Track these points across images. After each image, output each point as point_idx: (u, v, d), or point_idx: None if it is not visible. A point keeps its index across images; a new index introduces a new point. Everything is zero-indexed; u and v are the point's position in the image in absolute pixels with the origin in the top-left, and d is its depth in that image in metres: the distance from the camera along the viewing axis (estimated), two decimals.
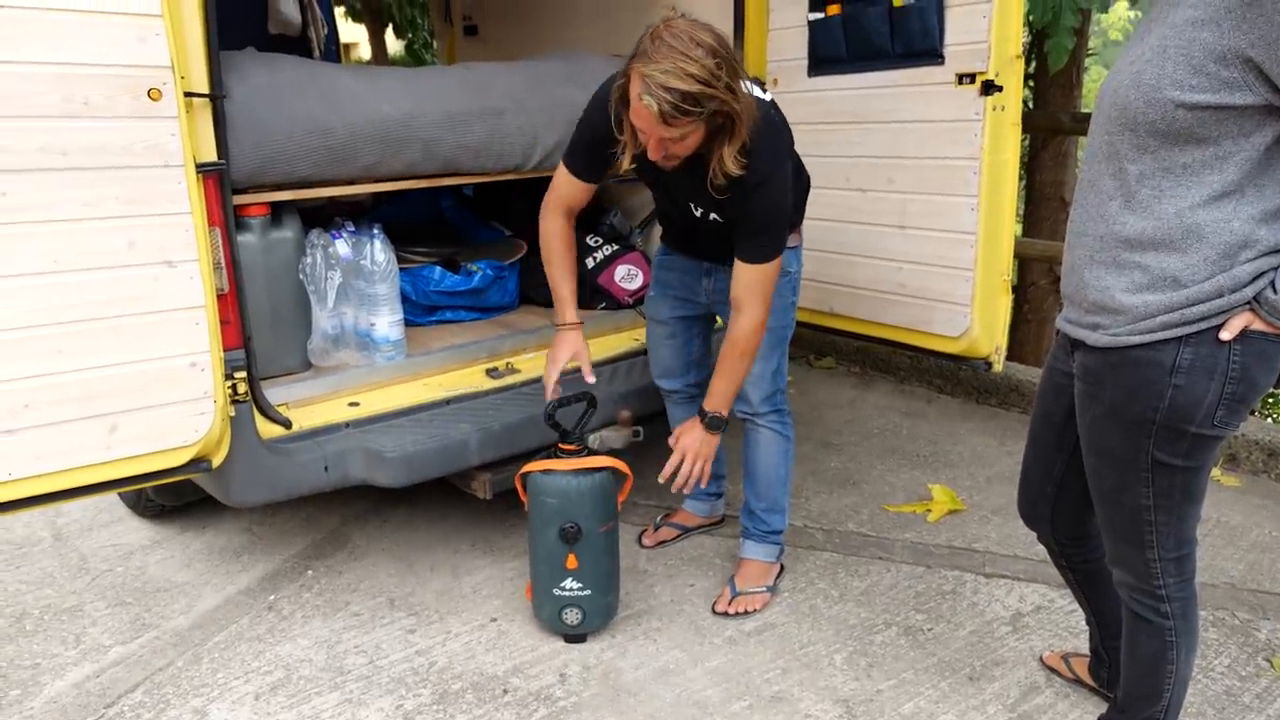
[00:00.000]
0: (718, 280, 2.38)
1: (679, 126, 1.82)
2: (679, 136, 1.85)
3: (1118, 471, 1.58)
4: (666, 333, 2.55)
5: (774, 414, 2.43)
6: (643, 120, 1.84)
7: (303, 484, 2.28)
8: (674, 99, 1.76)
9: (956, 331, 2.69)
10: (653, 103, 1.77)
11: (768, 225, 2.07)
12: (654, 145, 1.90)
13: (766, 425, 2.43)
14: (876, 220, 2.83)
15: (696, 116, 1.80)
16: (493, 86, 2.75)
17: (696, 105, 1.77)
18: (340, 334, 2.59)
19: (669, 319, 2.53)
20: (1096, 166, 1.51)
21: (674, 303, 2.50)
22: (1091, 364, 1.57)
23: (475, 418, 2.50)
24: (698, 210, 2.18)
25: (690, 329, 2.54)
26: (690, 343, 2.56)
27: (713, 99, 1.78)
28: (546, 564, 2.26)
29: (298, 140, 2.34)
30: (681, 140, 1.87)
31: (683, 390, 2.62)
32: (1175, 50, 1.36)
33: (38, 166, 1.76)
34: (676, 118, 1.79)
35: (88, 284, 1.84)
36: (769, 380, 2.38)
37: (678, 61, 1.75)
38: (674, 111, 1.77)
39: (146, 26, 1.82)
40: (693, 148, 1.91)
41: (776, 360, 2.37)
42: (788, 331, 2.40)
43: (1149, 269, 1.45)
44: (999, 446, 3.48)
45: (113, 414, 1.91)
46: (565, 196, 2.26)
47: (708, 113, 1.81)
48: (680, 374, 2.59)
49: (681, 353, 2.57)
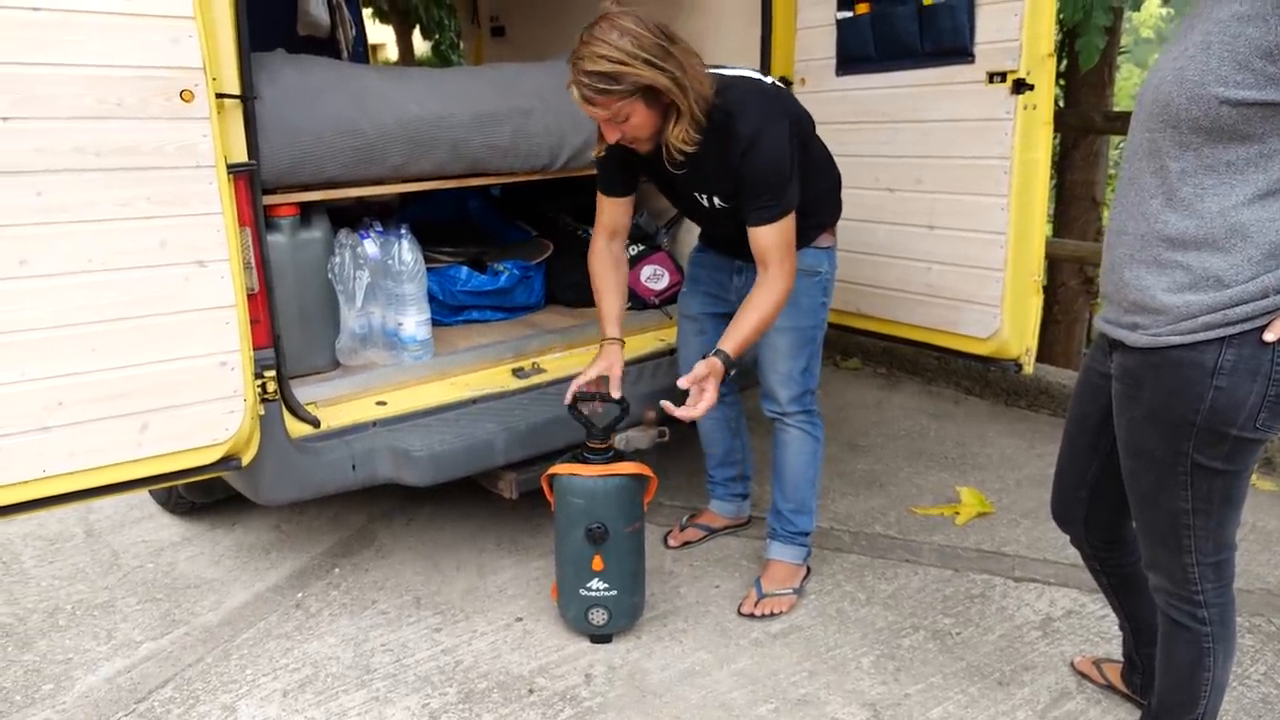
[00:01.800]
0: (748, 279, 2.36)
1: (607, 105, 1.93)
2: (614, 117, 1.96)
3: (1156, 474, 1.55)
4: (696, 329, 2.55)
5: (803, 414, 2.41)
6: (581, 107, 1.98)
7: (331, 482, 2.30)
8: (591, 80, 1.90)
9: (986, 333, 2.65)
10: (575, 90, 1.94)
11: (767, 185, 2.07)
12: (607, 130, 2.03)
13: (795, 425, 2.41)
14: (905, 220, 2.80)
15: (619, 95, 1.91)
16: (520, 87, 2.76)
17: (614, 82, 1.89)
18: (368, 333, 2.60)
19: (699, 315, 2.53)
20: (1137, 164, 1.48)
21: (704, 299, 2.51)
22: (1130, 365, 1.55)
23: (501, 417, 2.50)
24: (704, 199, 2.20)
25: (720, 327, 2.51)
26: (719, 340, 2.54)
27: (628, 74, 1.89)
28: (573, 564, 2.25)
29: (327, 141, 2.35)
30: (624, 120, 1.97)
31: None
32: (1220, 46, 1.33)
33: (72, 167, 1.78)
34: (598, 97, 1.92)
35: (120, 283, 1.86)
36: (798, 380, 2.36)
37: (593, 48, 1.90)
38: (593, 92, 1.91)
39: (179, 29, 1.84)
40: (646, 126, 2.00)
41: (805, 359, 2.36)
42: (818, 332, 2.38)
43: (1191, 268, 1.42)
44: (1028, 449, 3.44)
45: (144, 412, 1.93)
46: (605, 221, 2.35)
47: (630, 88, 1.91)
48: None
49: (709, 348, 2.54)
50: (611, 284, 2.34)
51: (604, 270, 2.35)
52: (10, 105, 1.70)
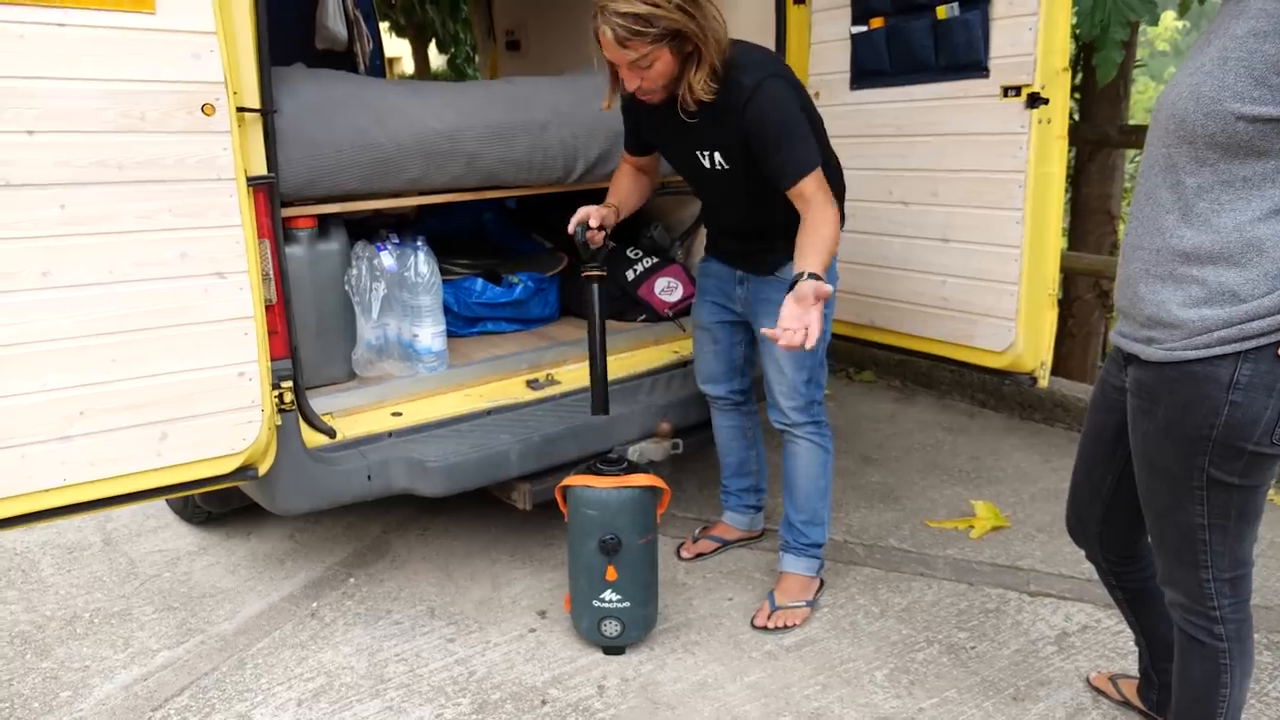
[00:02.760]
0: (749, 289, 2.40)
1: (636, 48, 1.95)
2: (641, 61, 1.98)
3: (1171, 489, 1.55)
4: (709, 338, 2.56)
5: (811, 425, 2.41)
6: (606, 49, 1.99)
7: (346, 492, 2.31)
8: (625, 21, 1.92)
9: (1001, 346, 2.65)
10: (607, 29, 1.94)
11: (774, 137, 2.06)
12: (626, 76, 2.04)
13: (804, 437, 2.42)
14: (920, 234, 2.80)
15: (650, 37, 1.94)
16: (536, 100, 2.78)
17: (647, 24, 1.92)
18: (384, 345, 2.62)
19: (710, 324, 2.55)
20: (1153, 179, 1.48)
21: (713, 308, 2.53)
22: (1146, 379, 1.54)
23: (516, 429, 2.52)
24: (705, 158, 2.21)
25: (732, 335, 2.55)
26: (733, 349, 2.56)
27: (661, 18, 1.92)
28: (586, 576, 2.26)
29: (345, 154, 2.38)
30: (648, 66, 1.99)
31: (726, 396, 2.62)
32: (1236, 62, 1.33)
33: (95, 180, 1.81)
34: (630, 39, 1.94)
35: (141, 294, 1.89)
36: (802, 391, 2.36)
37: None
38: (627, 34, 1.93)
39: (201, 44, 1.87)
40: (665, 75, 2.02)
41: (808, 371, 2.35)
42: (821, 346, 2.34)
43: (1206, 283, 1.42)
44: (1043, 463, 3.42)
45: (163, 422, 1.95)
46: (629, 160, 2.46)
47: (661, 32, 1.94)
48: (723, 379, 2.60)
49: (724, 358, 2.57)
50: (622, 180, 2.44)
51: (619, 174, 2.46)
52: (35, 119, 1.73)
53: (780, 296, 2.31)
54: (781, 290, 2.31)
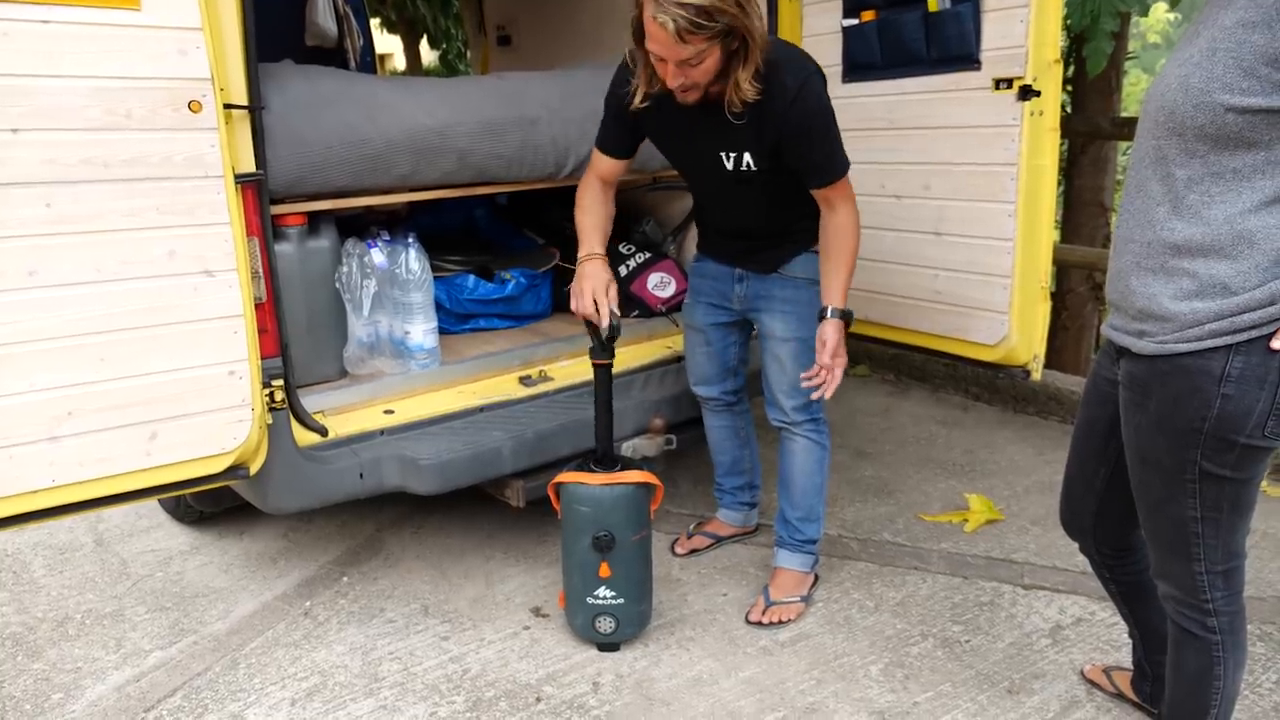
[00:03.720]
0: (749, 286, 2.37)
1: (694, 44, 1.83)
2: (694, 57, 1.86)
3: (1164, 482, 1.54)
4: (702, 340, 2.54)
5: (810, 423, 2.40)
6: (658, 43, 1.85)
7: (338, 491, 2.30)
8: (688, 14, 1.78)
9: (994, 339, 2.65)
10: (668, 20, 1.79)
11: (820, 135, 2.04)
12: (672, 73, 1.91)
13: (802, 434, 2.41)
14: (912, 227, 2.80)
15: (711, 32, 1.82)
16: (527, 96, 2.76)
17: (710, 19, 1.79)
18: (375, 342, 2.61)
19: (704, 326, 2.52)
20: (1143, 171, 1.48)
21: (708, 309, 2.49)
22: (1138, 372, 1.54)
23: (509, 425, 2.51)
24: (729, 160, 2.12)
25: (726, 336, 2.53)
26: (727, 350, 2.54)
27: (725, 13, 1.80)
28: (580, 572, 2.25)
29: (334, 151, 2.36)
30: (699, 64, 1.88)
31: (719, 398, 2.61)
32: (1225, 53, 1.33)
33: (81, 178, 1.79)
34: (692, 33, 1.80)
35: (129, 293, 1.87)
36: (803, 388, 2.35)
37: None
38: (690, 27, 1.79)
39: (187, 40, 1.85)
40: (711, 72, 1.91)
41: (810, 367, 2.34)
42: None
43: (1197, 275, 1.42)
44: (1037, 456, 3.42)
45: (153, 421, 1.93)
46: (598, 169, 2.30)
47: (721, 28, 1.82)
48: (716, 381, 2.58)
49: (717, 360, 2.55)
50: (597, 208, 2.27)
51: (591, 197, 2.28)
52: (19, 117, 1.71)
53: (781, 293, 2.32)
54: (783, 286, 2.32)
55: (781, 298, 2.32)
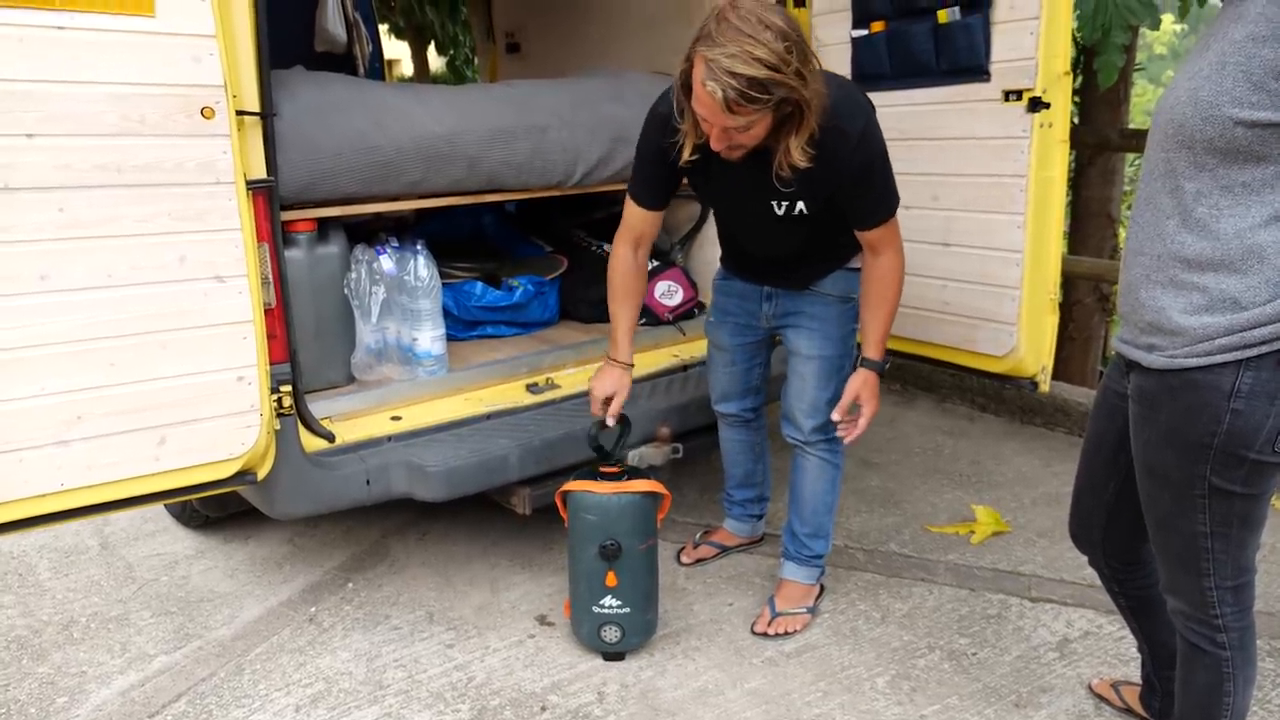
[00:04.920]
0: (779, 304, 2.33)
1: (744, 115, 1.73)
2: (744, 126, 1.76)
3: (1173, 497, 1.54)
4: (726, 359, 2.50)
5: (825, 443, 2.37)
6: (706, 108, 1.76)
7: (345, 497, 2.30)
8: (740, 85, 1.67)
9: (1002, 351, 2.64)
10: (717, 89, 1.68)
11: (880, 177, 2.02)
12: (717, 135, 1.82)
13: (816, 454, 2.38)
14: (921, 238, 2.79)
15: (763, 104, 1.71)
16: (537, 103, 2.77)
17: (764, 92, 1.69)
18: (383, 348, 2.61)
19: (729, 346, 2.47)
20: (1153, 184, 1.48)
21: (734, 329, 2.45)
22: (1147, 386, 1.54)
23: (515, 433, 2.51)
24: (780, 207, 2.04)
25: (752, 356, 2.48)
26: (751, 370, 2.50)
27: (781, 85, 1.69)
28: (586, 581, 2.25)
29: (345, 158, 2.37)
30: (747, 130, 1.78)
31: (739, 414, 2.58)
32: (1235, 66, 1.33)
33: (94, 183, 1.80)
34: (742, 105, 1.70)
35: (140, 298, 1.88)
36: (824, 409, 2.31)
37: (744, 45, 1.65)
38: (740, 99, 1.69)
39: (201, 47, 1.86)
40: (759, 138, 1.82)
41: (833, 388, 2.30)
42: (846, 360, 2.33)
43: (1207, 290, 1.42)
44: (1044, 467, 3.41)
45: (162, 426, 1.94)
46: (633, 227, 2.22)
47: (775, 100, 1.72)
48: (738, 398, 2.55)
49: (741, 379, 2.51)
50: (629, 300, 2.25)
51: (624, 283, 2.24)
52: (35, 123, 1.72)
53: (811, 309, 2.29)
54: (813, 303, 2.29)
55: (810, 314, 2.28)
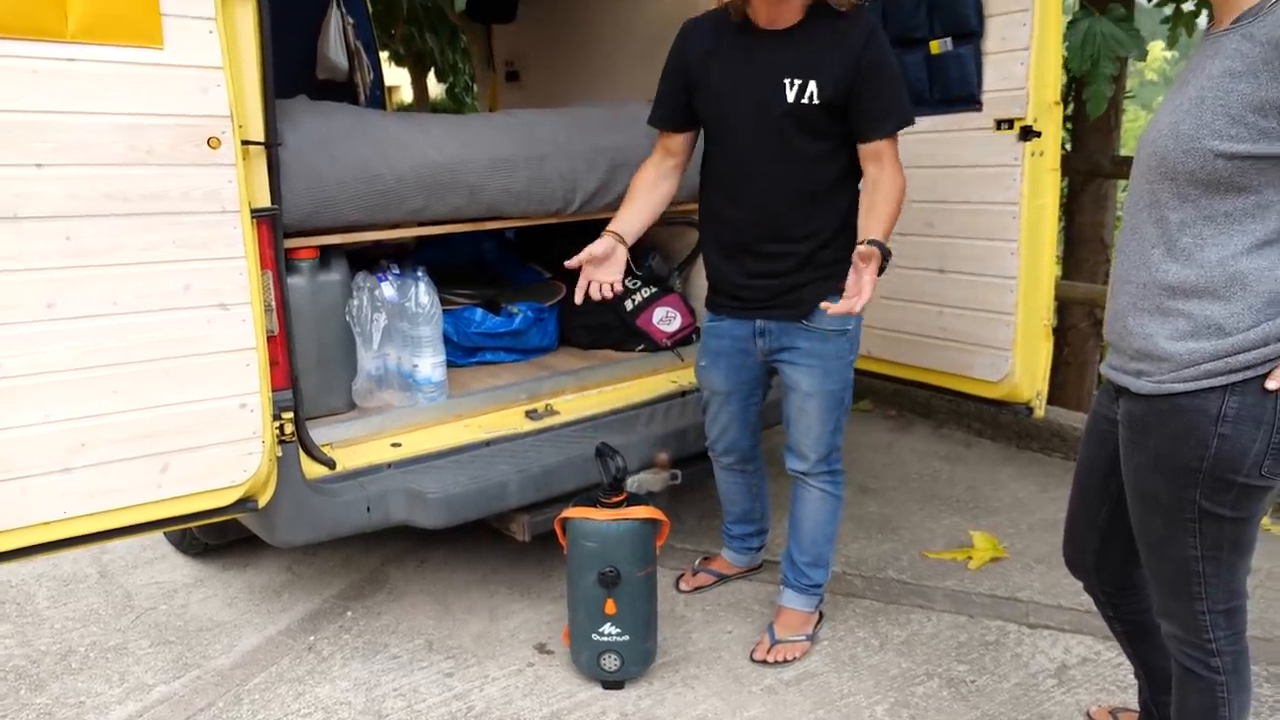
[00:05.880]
0: (771, 339, 2.30)
1: None
2: None
3: (1164, 521, 1.56)
4: (723, 401, 2.48)
5: (827, 474, 2.38)
6: None
7: (345, 524, 2.31)
8: None
9: (997, 376, 2.67)
10: None
11: (896, 78, 2.13)
12: None
13: (817, 485, 2.39)
14: (916, 264, 2.83)
15: None
16: (537, 133, 2.81)
17: None
18: (384, 375, 2.63)
19: (726, 389, 2.45)
20: (1138, 214, 1.51)
21: (728, 370, 2.43)
22: (1136, 411, 1.56)
23: (515, 460, 2.52)
24: (793, 89, 2.11)
25: (749, 397, 2.47)
26: (749, 410, 2.49)
27: None
28: (585, 608, 2.25)
29: (347, 186, 2.40)
30: None
31: (736, 461, 2.57)
32: (1213, 101, 1.37)
33: (102, 212, 1.82)
34: None
35: (144, 326, 1.90)
36: (827, 439, 2.32)
37: None
38: None
39: (209, 78, 1.89)
40: None
41: (835, 420, 2.31)
42: (846, 392, 2.33)
43: (1193, 316, 1.44)
44: (1041, 493, 3.43)
45: (164, 453, 1.95)
46: (662, 143, 2.35)
47: None
48: (737, 443, 2.53)
49: (739, 421, 2.50)
50: (641, 194, 2.31)
51: (641, 183, 2.33)
52: (45, 153, 1.75)
53: (807, 344, 2.26)
54: (808, 338, 2.25)
55: (806, 350, 2.26)
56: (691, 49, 2.24)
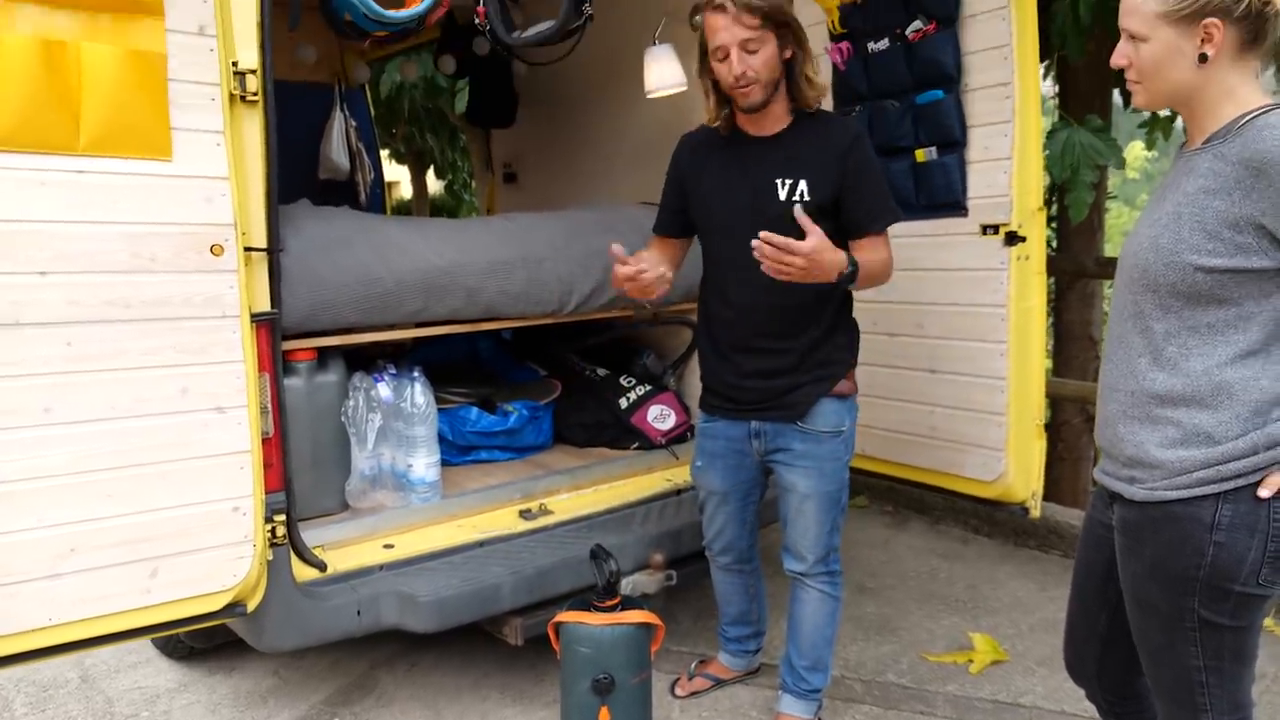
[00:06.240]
0: (766, 441, 2.30)
1: (748, 23, 2.05)
2: (751, 43, 2.07)
3: (1164, 630, 1.54)
4: (720, 501, 2.46)
5: (825, 575, 2.35)
6: (720, 31, 2.08)
7: (335, 628, 2.27)
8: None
9: (991, 476, 2.68)
10: (727, 2, 2.05)
11: (878, 177, 2.21)
12: (735, 60, 2.08)
13: (816, 586, 2.36)
14: (907, 364, 2.87)
15: (764, 16, 2.05)
16: (534, 236, 2.88)
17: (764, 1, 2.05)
18: (378, 475, 2.62)
19: (724, 489, 2.44)
20: (1124, 324, 1.54)
21: (725, 471, 2.41)
22: (1131, 518, 1.56)
23: (508, 561, 2.50)
24: (784, 187, 2.18)
25: (747, 494, 2.45)
26: (746, 509, 2.47)
27: (776, 3, 2.08)
28: (578, 716, 2.20)
29: (347, 289, 2.44)
30: (756, 51, 2.08)
31: (734, 560, 2.54)
32: (1190, 216, 1.41)
33: (103, 319, 1.85)
34: (747, 11, 2.04)
35: (140, 430, 1.90)
36: (825, 540, 2.31)
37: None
38: (745, 5, 2.04)
39: (214, 188, 1.95)
40: (768, 66, 2.10)
41: (832, 521, 2.30)
42: (843, 492, 2.32)
43: (1182, 424, 1.46)
44: (1040, 592, 3.39)
45: (154, 558, 1.93)
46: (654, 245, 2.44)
47: (773, 14, 2.07)
48: (735, 544, 2.51)
49: (736, 520, 2.48)
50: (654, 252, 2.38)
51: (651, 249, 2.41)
52: (48, 261, 1.79)
53: (802, 446, 2.26)
54: (804, 440, 2.25)
55: (802, 452, 2.26)
56: (685, 160, 2.35)
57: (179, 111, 1.89)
